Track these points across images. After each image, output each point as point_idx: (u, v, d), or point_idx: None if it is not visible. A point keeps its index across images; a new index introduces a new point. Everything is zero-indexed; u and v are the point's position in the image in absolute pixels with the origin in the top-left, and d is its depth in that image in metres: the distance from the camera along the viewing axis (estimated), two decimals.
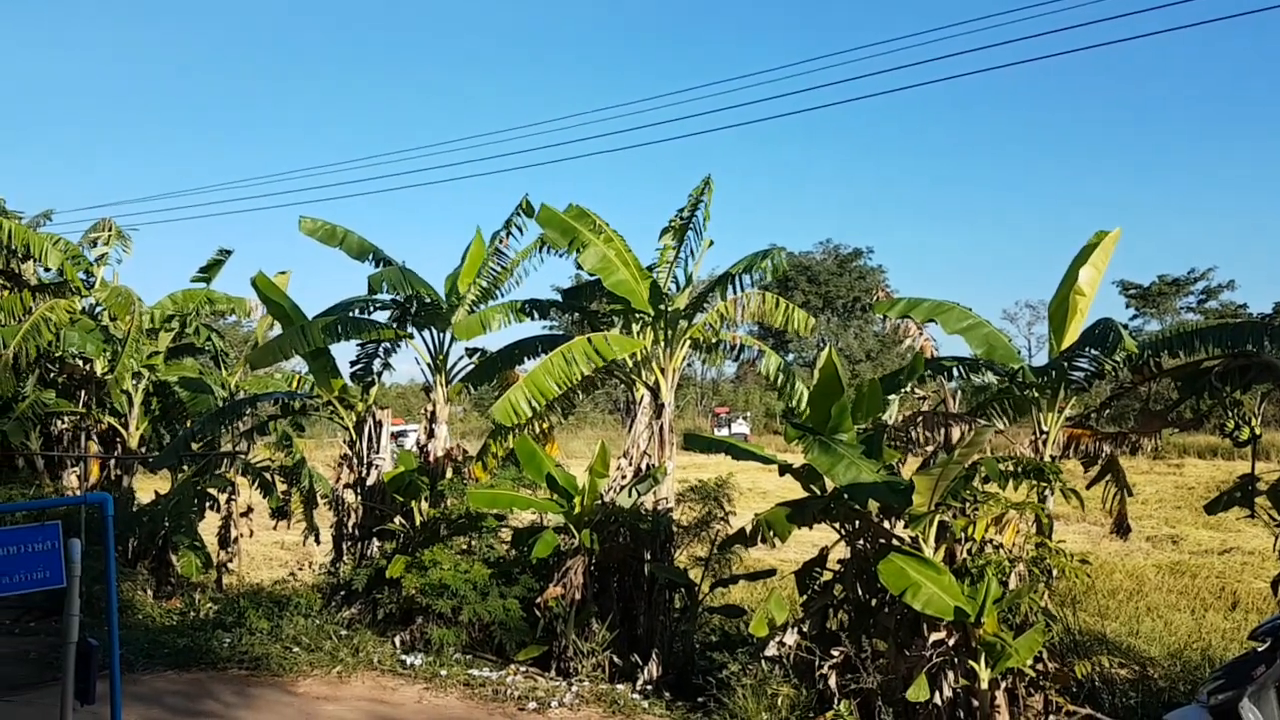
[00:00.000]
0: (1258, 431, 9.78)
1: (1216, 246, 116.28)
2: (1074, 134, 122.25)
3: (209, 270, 18.87)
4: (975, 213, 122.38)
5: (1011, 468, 8.92)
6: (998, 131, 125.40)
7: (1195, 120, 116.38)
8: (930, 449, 9.36)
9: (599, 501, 11.58)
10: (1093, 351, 9.60)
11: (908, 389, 10.53)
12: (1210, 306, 67.36)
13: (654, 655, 10.87)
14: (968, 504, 8.67)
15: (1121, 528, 10.89)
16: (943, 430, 9.28)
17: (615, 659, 11.01)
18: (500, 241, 13.70)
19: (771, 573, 11.84)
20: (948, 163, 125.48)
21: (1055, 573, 8.89)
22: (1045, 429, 10.04)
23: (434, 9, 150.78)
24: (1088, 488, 10.69)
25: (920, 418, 9.76)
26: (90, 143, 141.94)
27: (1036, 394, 9.93)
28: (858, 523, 9.15)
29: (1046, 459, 9.76)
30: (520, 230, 13.66)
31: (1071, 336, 10.16)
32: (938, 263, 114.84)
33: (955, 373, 10.93)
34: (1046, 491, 9.52)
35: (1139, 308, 70.85)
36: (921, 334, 11.17)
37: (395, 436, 15.24)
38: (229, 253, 18.97)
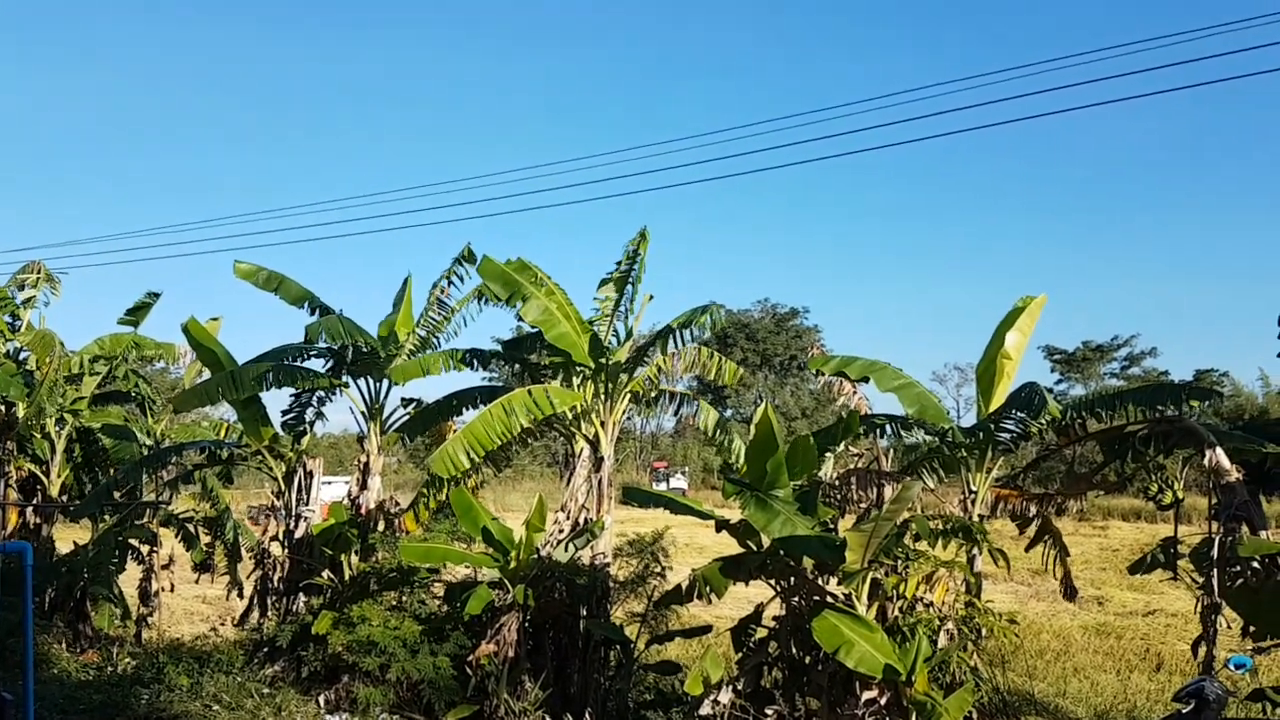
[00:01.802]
0: (1180, 495, 10.07)
1: (1139, 314, 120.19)
2: (998, 199, 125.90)
3: (137, 312, 18.45)
4: (903, 276, 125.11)
5: (941, 526, 9.05)
6: (923, 198, 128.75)
7: (1122, 190, 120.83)
8: (864, 506, 9.47)
9: (535, 556, 11.47)
10: (1019, 414, 9.85)
11: (842, 447, 10.67)
12: (1133, 373, 69.33)
13: (588, 715, 10.72)
14: (899, 561, 8.76)
15: (1068, 590, 10.98)
16: (875, 488, 9.40)
17: (548, 718, 10.83)
18: (442, 291, 13.67)
19: (707, 629, 11.79)
20: (884, 223, 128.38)
21: (984, 632, 9.00)
22: (974, 489, 10.23)
23: (378, 58, 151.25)
24: (1026, 550, 10.86)
25: (854, 476, 9.88)
26: (22, 185, 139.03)
27: (965, 454, 10.12)
28: (793, 579, 9.19)
29: (975, 518, 9.92)
30: (461, 279, 13.66)
31: (999, 399, 10.40)
32: (872, 322, 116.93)
33: (887, 430, 11.10)
34: (974, 550, 9.66)
35: (1064, 372, 72.67)
36: (855, 392, 11.34)
37: None
38: (157, 295, 18.59)
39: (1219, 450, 8.56)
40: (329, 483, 30.43)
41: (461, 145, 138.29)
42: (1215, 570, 8.45)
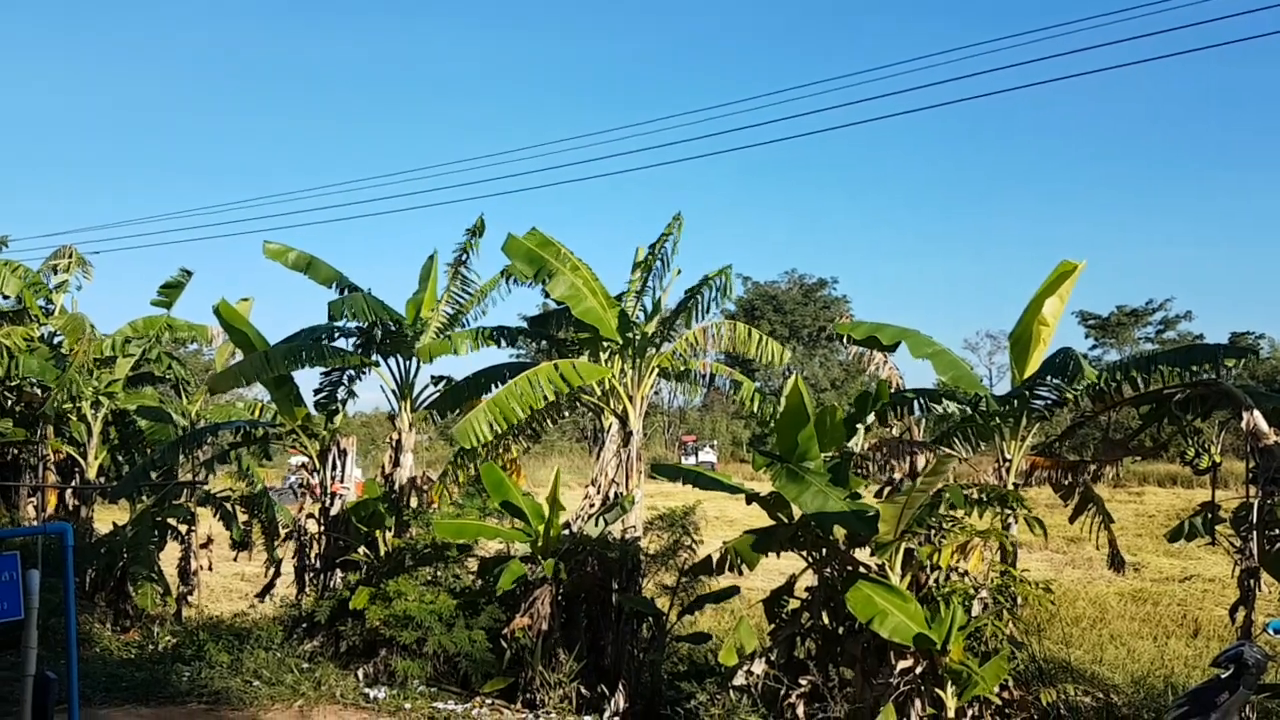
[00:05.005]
0: (1218, 459, 9.91)
1: (1173, 277, 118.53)
2: (1030, 163, 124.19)
3: (170, 290, 18.57)
4: (938, 242, 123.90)
5: (976, 495, 8.97)
6: (951, 162, 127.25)
7: (1152, 150, 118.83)
8: (897, 477, 9.41)
9: (566, 531, 11.51)
10: (1054, 380, 9.72)
11: (873, 418, 10.57)
12: (1168, 337, 68.37)
13: (621, 686, 10.78)
14: (933, 531, 8.71)
15: (1115, 560, 10.82)
16: (908, 458, 9.33)
17: (583, 690, 10.91)
18: (461, 265, 13.66)
19: (735, 590, 11.63)
20: (912, 193, 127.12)
21: (1019, 600, 8.94)
22: (1008, 457, 10.13)
23: (405, 40, 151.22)
24: (1071, 520, 10.74)
25: (885, 446, 9.81)
26: (53, 170, 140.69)
27: (999, 422, 10.01)
28: (825, 551, 9.16)
29: (1010, 486, 9.83)
30: (475, 250, 13.59)
31: (1034, 365, 10.25)
32: (899, 293, 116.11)
33: (918, 405, 10.94)
34: (1010, 519, 9.58)
35: (1098, 338, 71.77)
36: (886, 361, 11.23)
37: (304, 468, 15.13)
38: (190, 274, 18.69)
39: (1257, 413, 8.41)
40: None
41: (460, 137, 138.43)
42: (1254, 535, 8.34)
